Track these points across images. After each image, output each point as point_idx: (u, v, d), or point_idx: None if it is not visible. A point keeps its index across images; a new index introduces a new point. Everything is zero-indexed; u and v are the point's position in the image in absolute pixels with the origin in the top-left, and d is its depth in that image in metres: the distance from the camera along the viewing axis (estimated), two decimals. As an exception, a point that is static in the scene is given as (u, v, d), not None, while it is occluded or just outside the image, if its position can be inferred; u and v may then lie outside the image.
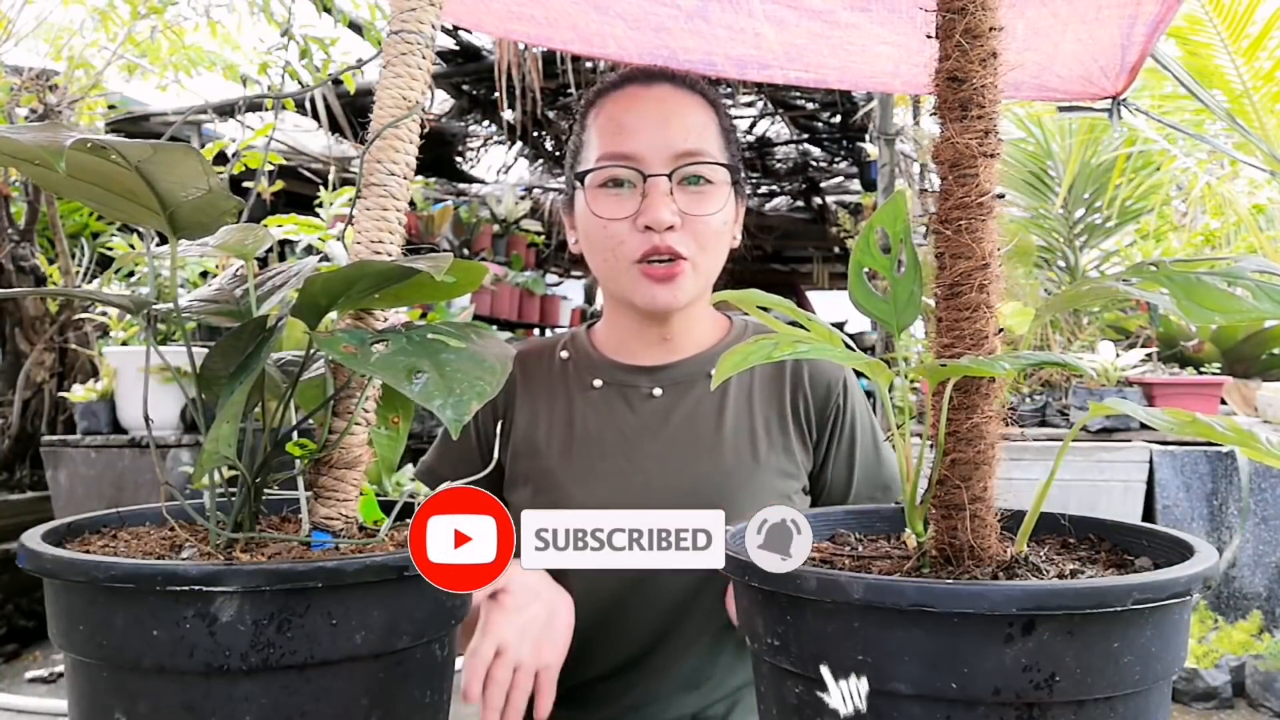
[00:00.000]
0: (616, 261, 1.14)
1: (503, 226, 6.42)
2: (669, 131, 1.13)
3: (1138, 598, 0.51)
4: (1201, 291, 0.58)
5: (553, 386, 1.22)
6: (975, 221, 0.62)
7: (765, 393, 1.21)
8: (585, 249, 1.20)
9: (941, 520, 0.63)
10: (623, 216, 1.12)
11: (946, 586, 0.52)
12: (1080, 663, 0.52)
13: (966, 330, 0.62)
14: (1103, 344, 3.84)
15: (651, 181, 1.11)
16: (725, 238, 1.18)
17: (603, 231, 1.14)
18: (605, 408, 1.19)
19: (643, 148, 1.12)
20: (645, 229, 1.11)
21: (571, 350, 1.25)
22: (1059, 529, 0.72)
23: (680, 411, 1.18)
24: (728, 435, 1.16)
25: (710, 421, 1.17)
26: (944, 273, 0.63)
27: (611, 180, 1.14)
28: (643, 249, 1.11)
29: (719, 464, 1.15)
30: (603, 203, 1.14)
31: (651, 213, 1.10)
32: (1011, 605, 0.50)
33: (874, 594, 0.53)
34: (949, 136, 0.62)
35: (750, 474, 1.15)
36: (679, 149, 1.12)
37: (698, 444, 1.16)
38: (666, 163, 1.12)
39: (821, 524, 0.76)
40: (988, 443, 0.62)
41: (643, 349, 1.21)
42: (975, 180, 0.62)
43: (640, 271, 1.13)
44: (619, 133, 1.14)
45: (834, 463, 1.21)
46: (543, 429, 1.19)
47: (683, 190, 1.13)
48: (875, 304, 0.69)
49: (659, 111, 1.15)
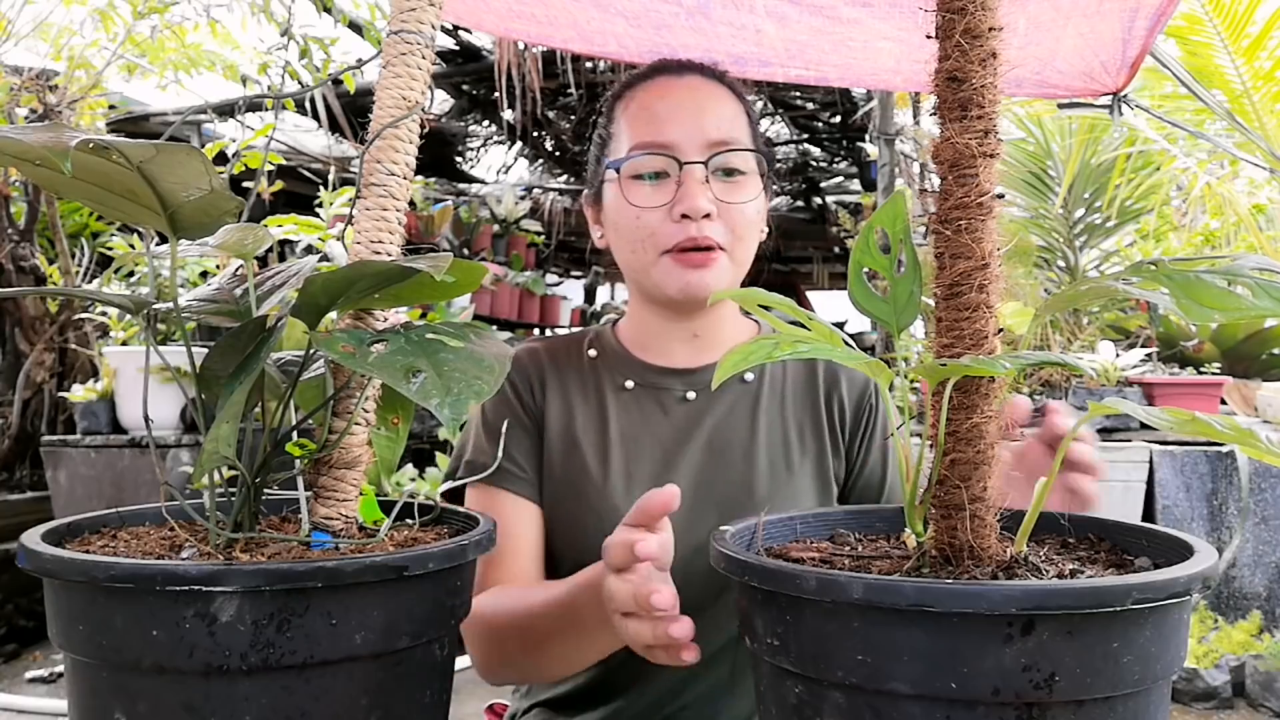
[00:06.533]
0: (646, 252, 1.12)
1: (503, 226, 6.41)
2: (703, 120, 1.11)
3: (1137, 598, 0.51)
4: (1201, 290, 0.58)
5: (585, 384, 1.19)
6: (975, 221, 0.61)
7: (798, 399, 1.19)
8: (613, 241, 1.17)
9: (941, 520, 0.63)
10: (658, 205, 1.10)
11: (946, 586, 0.52)
12: (1080, 663, 0.52)
13: (966, 330, 0.62)
14: (1103, 344, 3.84)
15: (687, 170, 1.10)
16: (757, 228, 1.16)
17: (635, 222, 1.12)
18: (638, 410, 1.17)
19: (678, 136, 1.11)
20: (681, 218, 1.09)
21: (599, 348, 1.22)
22: (1058, 529, 0.72)
23: (713, 416, 1.16)
24: (761, 442, 1.15)
25: (744, 428, 1.16)
26: (943, 273, 0.63)
27: (647, 171, 1.12)
28: (677, 239, 1.10)
29: (752, 472, 1.13)
30: (637, 192, 1.12)
31: (689, 200, 1.08)
32: (1011, 605, 0.50)
33: (873, 594, 0.53)
34: (948, 136, 0.62)
35: (784, 483, 1.14)
36: (713, 138, 1.11)
37: (731, 451, 1.14)
38: (701, 151, 1.11)
39: (821, 524, 0.76)
40: (987, 442, 0.62)
41: (671, 347, 1.19)
42: (975, 180, 0.61)
43: (673, 260, 1.11)
44: (653, 121, 1.12)
45: (869, 465, 1.19)
46: (579, 425, 1.16)
47: (718, 180, 1.11)
48: (875, 304, 0.68)
49: (693, 101, 1.13)
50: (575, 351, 1.23)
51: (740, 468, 1.13)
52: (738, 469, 1.13)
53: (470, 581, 0.75)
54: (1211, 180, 4.36)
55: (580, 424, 1.16)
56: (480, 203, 6.61)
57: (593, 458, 1.14)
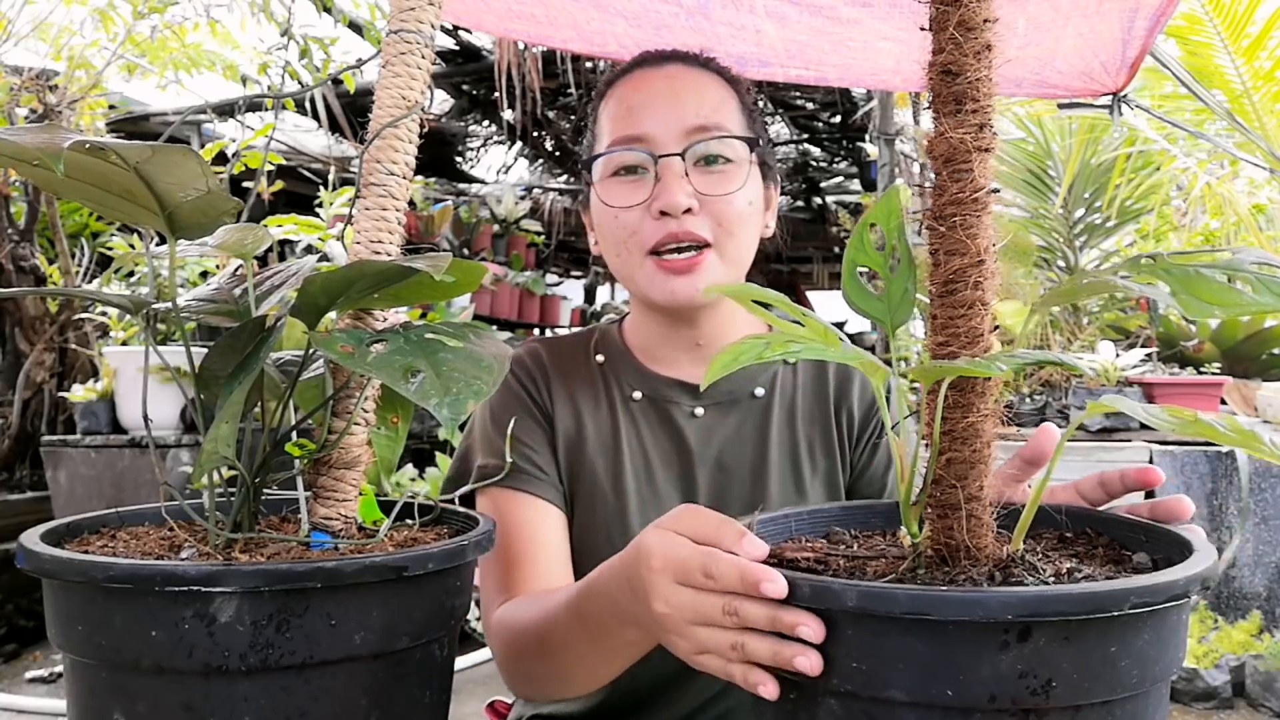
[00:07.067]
0: (630, 254, 1.05)
1: (503, 226, 6.41)
2: (680, 107, 1.04)
3: (1135, 602, 0.51)
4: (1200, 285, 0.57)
5: (595, 392, 1.13)
6: (970, 217, 0.61)
7: (809, 413, 1.14)
8: (601, 246, 1.11)
9: (937, 519, 0.62)
10: (635, 204, 1.04)
11: (941, 594, 0.51)
12: (1077, 668, 0.51)
13: (962, 328, 0.61)
14: (1103, 344, 3.84)
15: (664, 163, 1.03)
16: (752, 221, 1.07)
17: (615, 222, 1.05)
18: (647, 424, 1.12)
19: (652, 127, 1.04)
20: (660, 215, 1.02)
21: (606, 353, 1.16)
22: (1055, 524, 0.72)
23: (723, 434, 1.11)
24: (772, 461, 1.11)
25: (755, 447, 1.11)
26: (938, 269, 0.62)
27: (623, 167, 1.05)
28: (657, 237, 1.03)
29: (763, 494, 1.09)
30: (614, 191, 1.06)
31: (666, 196, 1.01)
32: (1008, 612, 0.50)
33: (867, 601, 0.52)
34: (943, 131, 0.61)
35: (794, 504, 1.07)
36: (690, 124, 1.03)
37: (741, 470, 1.10)
38: (678, 140, 1.03)
39: (816, 521, 0.75)
40: (983, 441, 0.61)
41: (675, 356, 1.13)
42: (970, 176, 0.61)
43: (655, 265, 1.04)
44: (628, 115, 1.06)
45: (873, 465, 1.16)
46: (590, 435, 1.11)
47: (699, 171, 1.04)
48: (869, 302, 0.68)
49: (669, 88, 1.06)
50: (581, 355, 1.17)
51: (750, 488, 1.09)
52: (748, 489, 1.09)
53: (470, 582, 0.75)
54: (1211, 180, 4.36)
55: (590, 434, 1.11)
56: (480, 203, 6.61)
57: (604, 471, 1.09)
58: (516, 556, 1.04)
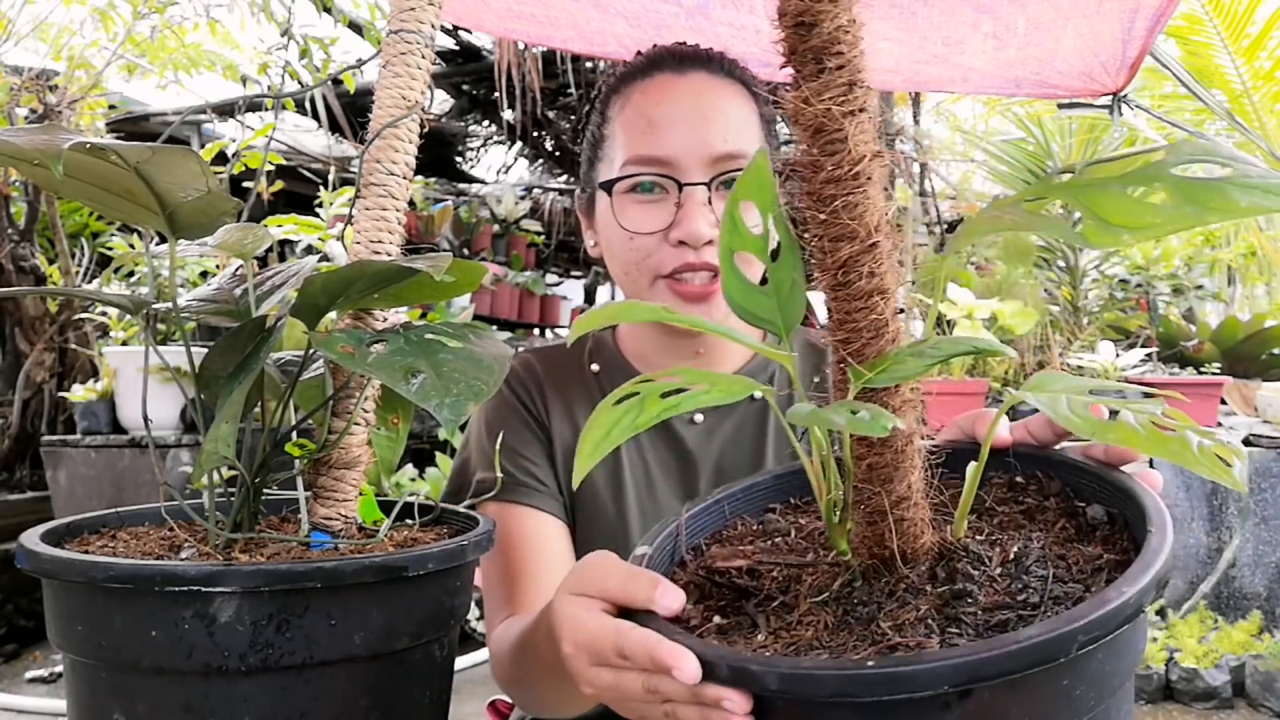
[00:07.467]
0: (641, 276, 1.03)
1: (503, 226, 6.41)
2: (708, 131, 1.00)
3: (1083, 641, 0.45)
4: (1109, 203, 0.47)
5: (591, 403, 1.11)
6: (853, 195, 0.51)
7: None
8: (605, 256, 1.10)
9: (867, 527, 0.57)
10: (653, 230, 1.01)
11: (867, 674, 0.45)
12: (1029, 710, 0.47)
13: (862, 322, 0.53)
14: (1102, 344, 3.83)
15: (688, 191, 1.00)
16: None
17: (629, 244, 1.02)
18: (646, 433, 1.07)
19: (677, 150, 1.00)
20: (679, 243, 1.00)
21: (600, 362, 1.15)
22: (1006, 467, 0.66)
23: (721, 438, 1.10)
24: (771, 462, 1.09)
25: (752, 450, 1.10)
26: (826, 259, 0.53)
27: (643, 184, 1.02)
28: (674, 265, 1.00)
29: None
30: (631, 213, 1.02)
31: (688, 225, 0.99)
32: (942, 684, 0.44)
33: (790, 684, 0.47)
34: (805, 97, 0.51)
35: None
36: (718, 151, 1.00)
37: (740, 472, 1.08)
38: (704, 168, 1.00)
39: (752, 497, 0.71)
40: (904, 439, 0.55)
41: (675, 364, 1.11)
42: (844, 147, 0.51)
43: (669, 288, 1.01)
44: (649, 132, 1.01)
45: None
46: None
47: (721, 198, 1.01)
48: (753, 299, 0.58)
49: (695, 106, 1.02)
50: (575, 365, 1.15)
51: None
52: None
53: (470, 582, 0.75)
54: (1211, 180, 4.35)
55: None
56: (480, 203, 6.61)
57: (604, 482, 1.08)
58: (519, 572, 1.03)
